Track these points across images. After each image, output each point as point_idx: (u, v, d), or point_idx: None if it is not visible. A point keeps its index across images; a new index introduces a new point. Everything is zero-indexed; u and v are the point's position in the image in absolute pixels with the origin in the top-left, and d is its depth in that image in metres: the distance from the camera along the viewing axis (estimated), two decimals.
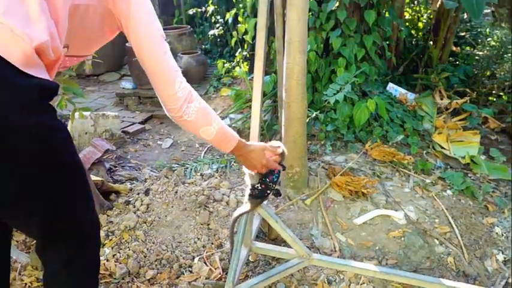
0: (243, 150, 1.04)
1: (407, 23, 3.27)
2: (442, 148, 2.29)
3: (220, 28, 4.16)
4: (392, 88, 2.75)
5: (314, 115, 2.38)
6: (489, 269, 1.49)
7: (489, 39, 3.20)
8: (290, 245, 1.34)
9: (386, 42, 2.71)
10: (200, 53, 3.73)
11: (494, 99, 2.92)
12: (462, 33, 3.39)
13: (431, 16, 3.21)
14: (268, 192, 1.20)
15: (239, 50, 3.51)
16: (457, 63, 3.21)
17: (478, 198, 1.84)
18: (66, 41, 0.77)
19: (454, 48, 3.23)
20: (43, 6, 0.65)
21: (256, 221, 1.50)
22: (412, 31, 3.35)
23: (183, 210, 1.75)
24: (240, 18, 3.16)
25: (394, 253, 1.54)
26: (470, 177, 2.04)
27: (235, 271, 1.23)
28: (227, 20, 3.57)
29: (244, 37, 3.11)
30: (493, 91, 2.97)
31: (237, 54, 3.56)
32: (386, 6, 2.63)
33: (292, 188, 1.86)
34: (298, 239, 1.38)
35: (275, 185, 1.20)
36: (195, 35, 4.36)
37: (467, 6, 2.23)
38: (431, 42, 3.06)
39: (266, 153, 1.10)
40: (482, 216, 1.76)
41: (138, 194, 1.88)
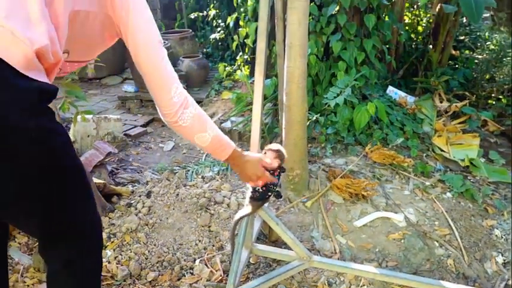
0: (239, 160, 1.03)
1: (407, 27, 3.28)
2: (442, 151, 2.29)
3: (221, 32, 4.19)
4: (392, 91, 2.76)
5: (314, 118, 2.39)
6: (489, 271, 1.50)
7: (488, 43, 3.20)
8: (291, 247, 1.35)
9: (386, 46, 2.73)
10: (201, 56, 3.75)
11: (494, 103, 2.93)
12: (461, 37, 3.39)
13: (431, 20, 3.22)
14: (269, 194, 1.21)
15: (240, 53, 3.53)
16: (457, 66, 3.22)
17: (478, 201, 1.84)
18: (66, 47, 0.78)
19: (453, 51, 3.23)
20: (44, 11, 0.66)
21: (257, 223, 1.50)
22: (412, 35, 3.36)
23: (184, 212, 1.76)
24: (241, 22, 3.18)
25: (394, 255, 1.54)
26: (469, 180, 2.04)
27: (236, 273, 1.24)
28: (228, 24, 3.60)
29: (245, 41, 3.13)
30: (493, 94, 2.98)
31: (238, 57, 3.58)
32: (386, 11, 2.65)
33: (293, 190, 1.87)
34: (299, 241, 1.38)
35: (276, 187, 1.21)
36: (196, 38, 4.39)
37: (467, 10, 2.25)
38: (431, 46, 3.07)
39: (262, 165, 1.08)
40: (482, 218, 1.76)
41: (139, 196, 1.89)
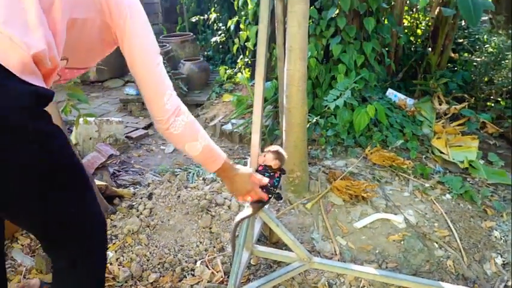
0: (229, 172, 1.02)
1: (406, 30, 3.31)
2: (441, 153, 2.30)
3: (222, 35, 4.21)
4: (391, 94, 2.78)
5: (314, 120, 2.41)
6: (488, 272, 1.50)
7: (487, 46, 3.22)
8: (291, 248, 1.35)
9: (386, 48, 2.75)
10: (202, 59, 3.76)
11: (492, 105, 2.94)
12: (460, 40, 3.41)
13: (430, 23, 3.25)
14: (269, 196, 1.22)
15: (241, 56, 3.55)
16: (456, 69, 3.23)
17: (477, 202, 1.85)
18: (65, 54, 0.80)
19: (452, 54, 3.25)
20: (41, 17, 0.67)
21: (257, 225, 1.51)
22: (411, 38, 3.38)
23: (185, 214, 1.77)
24: (241, 26, 3.20)
25: (394, 256, 1.55)
26: (469, 182, 2.05)
27: (237, 274, 1.24)
28: (229, 27, 3.62)
29: (245, 44, 3.14)
30: (491, 97, 2.99)
31: (238, 60, 3.60)
32: (385, 14, 2.67)
33: (293, 192, 1.88)
34: (299, 242, 1.38)
35: (276, 189, 1.22)
36: (197, 42, 4.41)
37: (465, 13, 2.27)
38: (430, 49, 3.09)
39: (252, 180, 1.07)
40: (481, 220, 1.77)
41: (141, 198, 1.90)
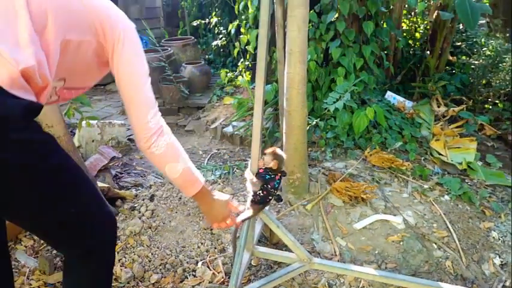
0: (207, 198, 1.02)
1: (404, 34, 3.33)
2: (440, 154, 2.32)
3: (223, 39, 4.25)
4: (390, 96, 2.80)
5: (314, 123, 2.43)
6: (486, 273, 1.51)
7: (484, 49, 3.24)
8: (291, 249, 1.37)
9: (385, 52, 2.77)
10: (204, 63, 3.79)
11: (490, 107, 2.96)
12: (458, 43, 3.44)
13: (428, 27, 3.28)
14: (269, 198, 1.24)
15: (241, 60, 3.58)
16: (454, 72, 3.25)
17: (475, 203, 1.86)
18: (62, 75, 0.83)
19: (450, 57, 3.27)
20: (33, 36, 0.71)
21: (258, 226, 1.52)
22: (410, 41, 3.40)
23: (186, 215, 1.79)
24: (242, 29, 3.23)
25: (393, 257, 1.56)
26: (467, 183, 2.07)
27: (238, 275, 1.25)
28: (230, 31, 3.65)
29: (246, 47, 3.17)
30: (489, 99, 3.01)
31: (239, 64, 3.63)
32: (384, 18, 2.70)
33: (293, 193, 1.89)
34: (299, 243, 1.40)
35: (276, 191, 1.24)
36: (198, 45, 4.43)
37: (463, 17, 2.30)
38: (428, 52, 3.12)
39: (229, 207, 1.08)
40: (479, 220, 1.78)
41: (143, 200, 1.92)
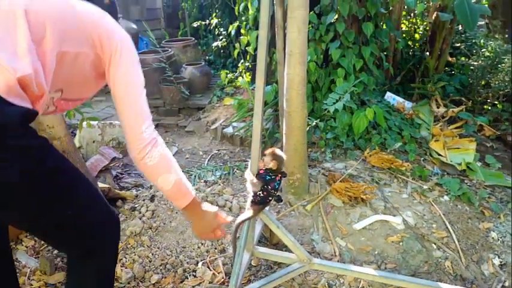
0: (198, 209, 1.02)
1: (404, 35, 3.34)
2: (439, 155, 2.33)
3: (223, 40, 4.26)
4: (390, 97, 2.81)
5: (314, 123, 2.44)
6: (486, 273, 1.52)
7: (483, 50, 3.25)
8: (291, 249, 1.37)
9: (384, 53, 2.78)
10: (204, 64, 3.79)
11: (489, 108, 2.98)
12: (457, 44, 3.45)
13: (427, 28, 3.29)
14: (269, 198, 1.24)
15: (241, 61, 3.59)
16: (453, 73, 3.26)
17: (475, 204, 1.87)
18: (59, 86, 0.85)
19: (449, 58, 3.28)
20: (30, 46, 0.74)
21: (258, 227, 1.53)
22: (409, 42, 3.42)
23: None
24: (242, 31, 3.24)
25: (392, 257, 1.57)
26: (466, 184, 2.08)
27: (238, 275, 1.26)
28: (230, 32, 3.65)
29: (246, 48, 3.18)
30: (488, 100, 3.02)
31: (239, 65, 3.64)
32: (383, 19, 2.71)
33: (293, 194, 1.90)
34: (299, 244, 1.41)
35: (276, 191, 1.25)
36: (199, 46, 4.44)
37: (462, 18, 2.31)
38: (428, 53, 3.12)
39: (218, 218, 1.08)
40: (479, 221, 1.79)
41: (143, 200, 1.92)
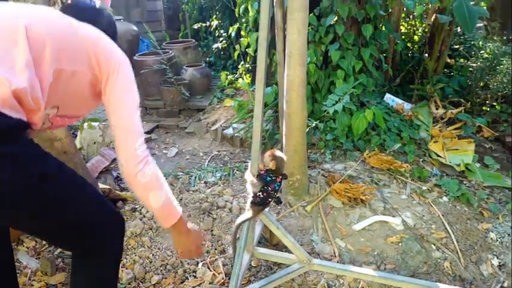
0: (184, 228, 1.03)
1: (403, 36, 3.36)
2: (438, 156, 2.34)
3: (223, 42, 4.26)
4: (389, 98, 2.83)
5: (314, 125, 2.45)
6: (484, 274, 1.52)
7: (482, 52, 3.26)
8: (291, 250, 1.38)
9: (383, 54, 2.80)
10: (204, 65, 3.80)
11: (488, 109, 2.99)
12: (456, 46, 3.47)
13: (426, 30, 3.30)
14: (269, 200, 1.25)
15: (242, 62, 3.60)
16: (452, 74, 3.28)
17: (473, 205, 1.88)
18: (55, 102, 0.88)
19: (448, 60, 3.30)
20: (29, 62, 0.77)
21: (258, 227, 1.54)
22: (408, 44, 3.43)
23: (187, 217, 1.80)
24: (242, 32, 3.25)
25: (392, 258, 1.58)
26: (465, 184, 2.08)
27: (238, 276, 1.27)
28: (230, 34, 3.67)
29: (246, 50, 3.19)
30: (487, 101, 3.04)
31: (239, 66, 3.65)
32: (382, 21, 2.72)
33: (293, 195, 1.91)
34: (299, 244, 1.42)
35: (276, 193, 1.25)
36: (199, 48, 4.44)
37: (461, 20, 2.33)
38: (427, 55, 3.14)
39: (202, 236, 1.10)
40: (478, 222, 1.79)
41: None
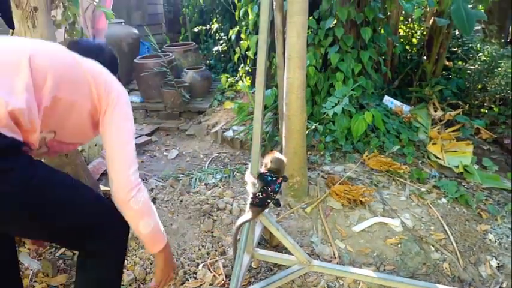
0: (168, 252, 1.05)
1: (401, 39, 3.39)
2: (437, 158, 2.35)
3: (223, 44, 4.29)
4: (388, 101, 2.84)
5: (313, 127, 2.46)
6: (483, 275, 1.53)
7: (480, 54, 3.28)
8: (291, 252, 1.39)
9: (382, 57, 2.82)
10: (205, 68, 3.81)
11: (486, 111, 3.00)
12: (454, 49, 3.49)
13: (425, 32, 3.33)
14: (268, 201, 1.26)
15: (242, 65, 3.63)
16: (450, 77, 3.30)
17: (472, 206, 1.89)
18: (52, 127, 0.91)
19: (446, 62, 3.33)
20: (29, 86, 0.79)
21: (258, 229, 1.54)
22: (407, 47, 3.46)
23: (188, 218, 1.81)
24: (242, 35, 3.27)
25: (391, 259, 1.59)
26: (464, 186, 2.09)
27: (238, 277, 1.27)
28: (230, 37, 3.69)
29: (246, 53, 3.20)
30: (485, 103, 3.06)
31: (239, 69, 3.68)
32: (381, 24, 2.75)
33: (293, 196, 1.92)
34: (299, 246, 1.42)
35: (276, 194, 1.26)
36: (200, 51, 4.47)
37: (459, 23, 2.35)
38: (425, 57, 3.17)
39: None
40: (476, 223, 1.80)
41: None
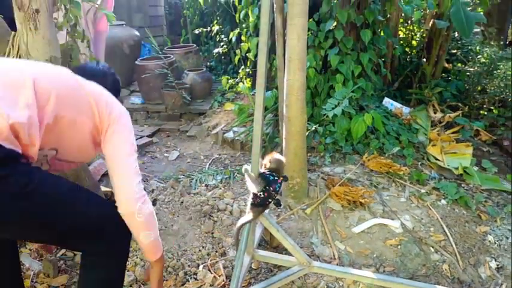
0: (162, 261, 1.09)
1: (401, 41, 3.40)
2: (436, 159, 2.35)
3: (224, 46, 4.31)
4: (388, 102, 2.85)
5: (313, 128, 2.48)
6: (483, 276, 1.54)
7: (479, 56, 3.30)
8: (291, 253, 1.40)
9: (382, 59, 2.83)
10: (205, 70, 3.83)
11: (485, 113, 3.02)
12: (454, 51, 3.51)
13: (424, 35, 3.34)
14: (269, 200, 1.27)
15: (242, 67, 3.64)
16: (449, 79, 3.31)
17: (471, 208, 1.89)
18: (53, 144, 0.92)
19: (446, 64, 3.34)
20: (32, 103, 0.82)
21: (258, 230, 1.55)
22: (406, 49, 3.47)
23: (188, 219, 1.82)
24: (243, 37, 3.29)
25: (391, 261, 1.59)
26: (463, 188, 2.10)
27: (239, 278, 1.27)
28: (231, 38, 3.70)
29: (247, 55, 3.22)
30: (484, 105, 3.07)
31: (240, 71, 3.69)
32: (381, 26, 2.76)
33: (293, 198, 1.93)
34: (299, 247, 1.42)
35: (276, 194, 1.27)
36: (200, 53, 4.48)
37: (458, 25, 2.37)
38: (425, 59, 3.18)
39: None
40: (476, 224, 1.81)
41: None
